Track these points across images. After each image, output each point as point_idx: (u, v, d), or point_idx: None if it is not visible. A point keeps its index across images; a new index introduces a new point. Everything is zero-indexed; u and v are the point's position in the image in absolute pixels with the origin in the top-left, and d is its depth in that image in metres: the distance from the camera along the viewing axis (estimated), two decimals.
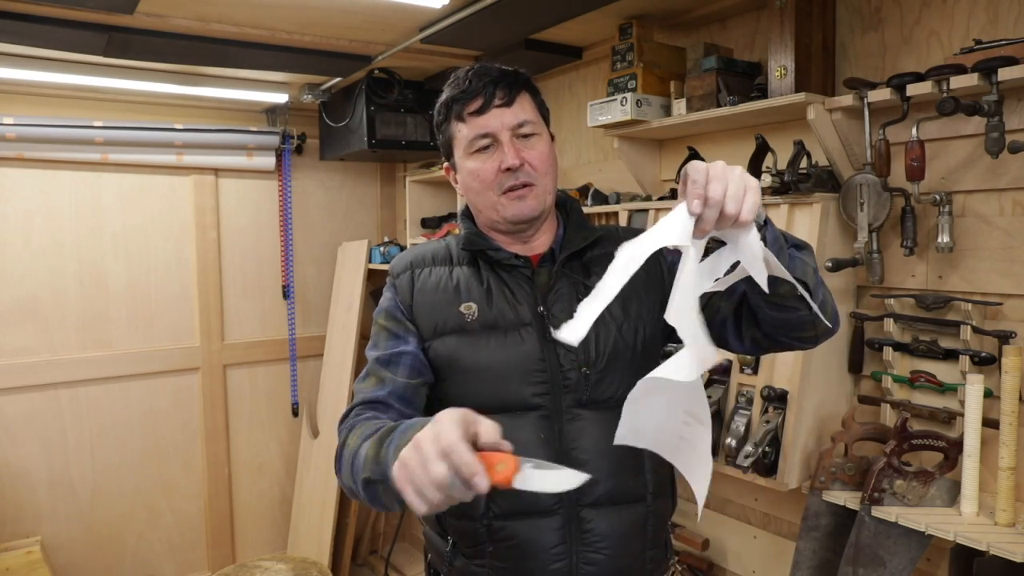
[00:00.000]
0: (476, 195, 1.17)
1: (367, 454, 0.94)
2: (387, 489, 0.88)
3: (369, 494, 0.95)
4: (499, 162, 1.12)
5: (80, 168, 2.91)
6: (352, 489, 1.00)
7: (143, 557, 3.12)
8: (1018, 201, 1.45)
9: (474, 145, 1.13)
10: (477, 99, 1.12)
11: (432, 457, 0.76)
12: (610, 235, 1.25)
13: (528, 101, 1.16)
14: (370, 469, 0.92)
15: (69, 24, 1.97)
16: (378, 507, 0.98)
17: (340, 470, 1.03)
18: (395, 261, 1.25)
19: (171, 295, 3.13)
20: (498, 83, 1.12)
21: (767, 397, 1.65)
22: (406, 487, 0.79)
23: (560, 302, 1.14)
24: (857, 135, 1.59)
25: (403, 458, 0.80)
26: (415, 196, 3.05)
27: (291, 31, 2.20)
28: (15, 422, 2.82)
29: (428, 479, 0.76)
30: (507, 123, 1.12)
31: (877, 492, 1.49)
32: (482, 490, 0.76)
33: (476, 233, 1.20)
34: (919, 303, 1.57)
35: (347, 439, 1.03)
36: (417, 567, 3.34)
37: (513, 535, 1.10)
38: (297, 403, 3.48)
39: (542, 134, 1.17)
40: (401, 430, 0.90)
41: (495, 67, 1.15)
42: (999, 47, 1.38)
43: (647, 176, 2.19)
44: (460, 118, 1.14)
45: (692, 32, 2.11)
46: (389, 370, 1.13)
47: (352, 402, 1.13)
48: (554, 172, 1.18)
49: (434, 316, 1.15)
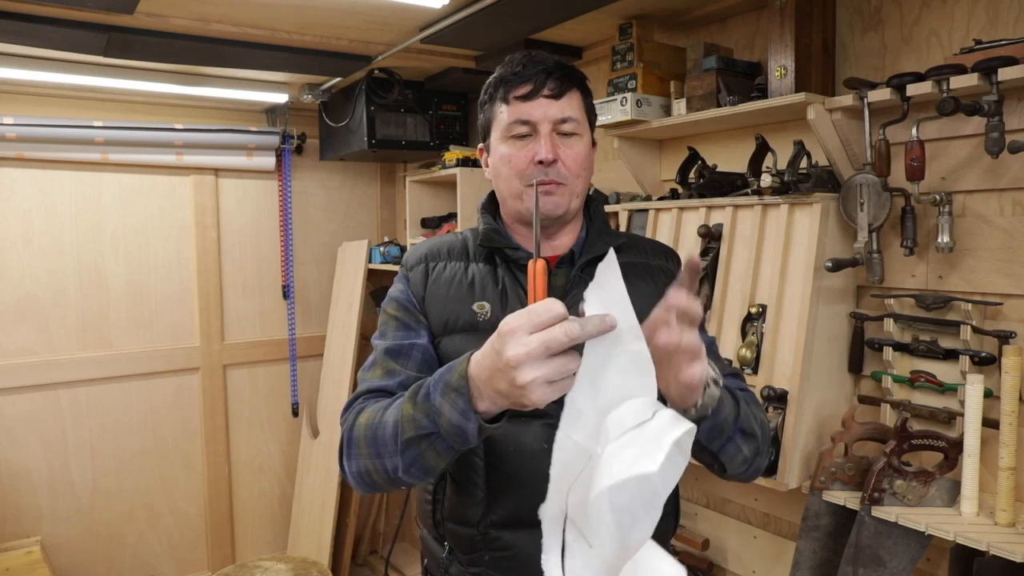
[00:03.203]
0: (503, 181, 1.12)
1: (400, 415, 0.89)
2: (434, 442, 0.85)
3: (408, 458, 0.89)
4: (533, 152, 1.07)
5: (80, 168, 2.91)
6: (370, 469, 0.95)
7: (143, 557, 3.12)
8: (1018, 201, 1.45)
9: (512, 130, 1.09)
10: (526, 84, 1.08)
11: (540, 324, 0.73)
12: (633, 244, 1.21)
13: (577, 100, 1.11)
14: (412, 427, 0.87)
15: (69, 24, 1.97)
16: (415, 475, 0.92)
17: (350, 454, 0.98)
18: (409, 253, 1.21)
19: (171, 295, 3.14)
20: (551, 73, 1.08)
21: (767, 397, 1.65)
22: (537, 370, 0.73)
23: (575, 307, 1.11)
24: (857, 135, 1.59)
25: (514, 355, 0.73)
26: (415, 196, 3.05)
27: (291, 31, 2.20)
28: (15, 422, 2.83)
29: (545, 345, 0.72)
30: (551, 115, 1.07)
31: (877, 492, 1.49)
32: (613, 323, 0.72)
33: (495, 229, 1.15)
34: (919, 303, 1.57)
35: (356, 420, 0.99)
36: (417, 567, 3.34)
37: (510, 545, 1.07)
38: (297, 403, 3.48)
39: (583, 135, 1.12)
40: (435, 379, 0.86)
41: (552, 57, 1.11)
42: (999, 47, 1.38)
43: (647, 176, 2.19)
44: (505, 100, 1.10)
45: (692, 32, 2.11)
46: (399, 361, 1.09)
47: (357, 390, 1.09)
48: (587, 176, 1.14)
49: (446, 311, 1.12)
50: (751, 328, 1.72)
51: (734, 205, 1.80)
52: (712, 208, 1.85)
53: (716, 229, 1.83)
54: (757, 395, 1.67)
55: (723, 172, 1.90)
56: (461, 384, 0.81)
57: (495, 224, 1.17)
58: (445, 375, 0.85)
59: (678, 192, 1.99)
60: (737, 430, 0.98)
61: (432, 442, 0.86)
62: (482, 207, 1.20)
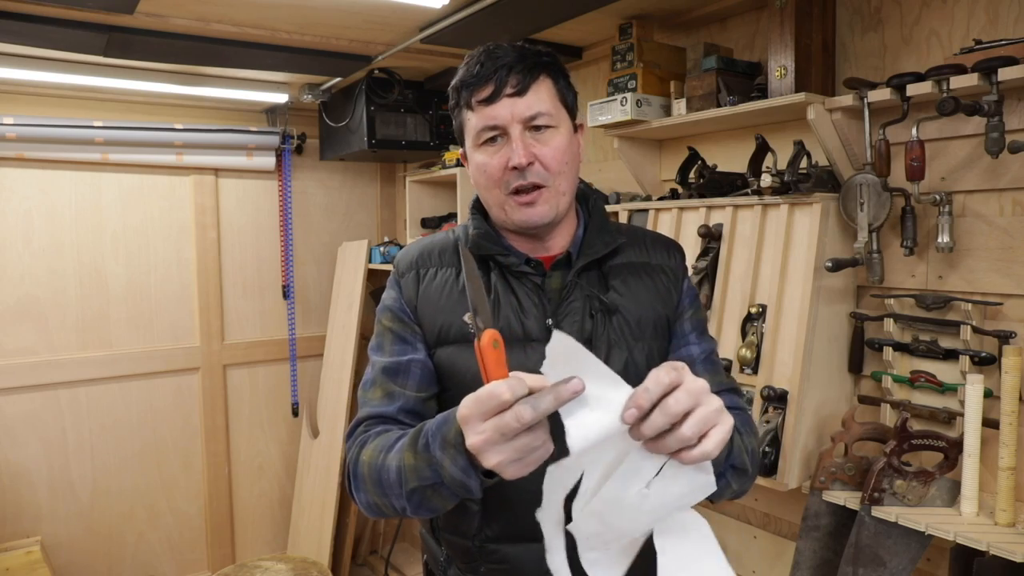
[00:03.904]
0: (484, 191, 1.06)
1: (402, 463, 0.88)
2: (438, 490, 0.84)
3: (415, 503, 0.88)
4: (507, 158, 1.00)
5: (80, 168, 2.91)
6: (379, 504, 0.94)
7: (143, 557, 3.12)
8: (1018, 201, 1.45)
9: (482, 136, 1.02)
10: (487, 86, 1.00)
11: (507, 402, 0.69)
12: (634, 241, 1.15)
13: (547, 88, 1.03)
14: (415, 477, 0.86)
15: (69, 24, 1.97)
16: (424, 514, 0.91)
17: (358, 487, 0.97)
18: (400, 256, 1.15)
19: (171, 295, 3.14)
20: (512, 68, 1.00)
21: (767, 397, 1.65)
22: (500, 455, 0.71)
23: (571, 316, 1.05)
24: (857, 135, 1.59)
25: (474, 445, 0.73)
26: (415, 196, 3.05)
27: (291, 31, 2.20)
28: (15, 422, 2.83)
29: (519, 423, 0.68)
30: (518, 114, 1.00)
31: (877, 492, 1.49)
32: (580, 388, 0.68)
33: (485, 234, 1.09)
34: (919, 303, 1.57)
35: (360, 456, 0.97)
36: (417, 567, 3.34)
37: (506, 559, 1.05)
38: (297, 403, 3.48)
39: (559, 126, 1.03)
40: (433, 430, 0.85)
41: (511, 48, 1.02)
42: (999, 47, 1.38)
43: (647, 176, 2.19)
44: (469, 105, 1.03)
45: (692, 32, 2.11)
46: (397, 382, 1.05)
47: (358, 415, 1.06)
48: (572, 169, 1.06)
49: (438, 321, 1.07)
50: (751, 328, 1.72)
51: (734, 205, 1.80)
52: (712, 208, 1.85)
53: (716, 229, 1.83)
54: (757, 395, 1.67)
55: (723, 172, 1.90)
56: (458, 440, 0.79)
57: (485, 227, 1.10)
58: (443, 428, 0.83)
59: (678, 192, 1.99)
60: (728, 467, 0.96)
61: (437, 490, 0.85)
62: (472, 207, 1.14)
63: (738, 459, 0.97)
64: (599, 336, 1.05)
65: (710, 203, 1.85)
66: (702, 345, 1.13)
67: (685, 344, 1.12)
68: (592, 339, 1.05)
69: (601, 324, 1.05)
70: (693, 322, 1.14)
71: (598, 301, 1.06)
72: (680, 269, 1.17)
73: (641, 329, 1.07)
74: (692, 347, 1.11)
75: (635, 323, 1.07)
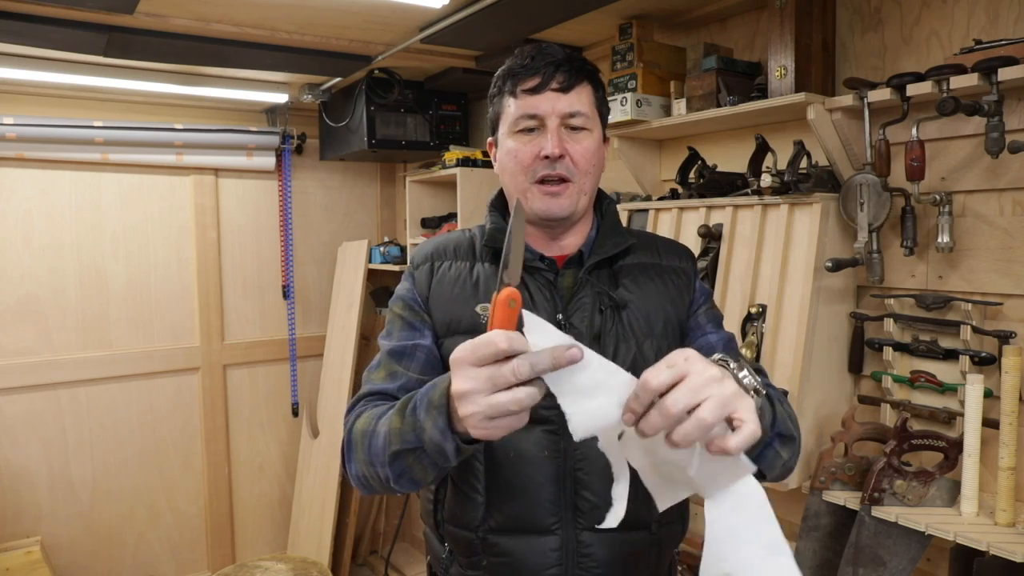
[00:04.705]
0: (510, 176, 1.10)
1: (390, 427, 0.89)
2: (419, 457, 0.85)
3: (396, 470, 0.89)
4: (540, 147, 1.05)
5: (80, 168, 2.91)
6: (367, 475, 0.95)
7: (143, 557, 3.12)
8: (1018, 201, 1.45)
9: (519, 124, 1.07)
10: (534, 77, 1.05)
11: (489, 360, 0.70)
12: (645, 244, 1.18)
13: (588, 93, 1.09)
14: (398, 440, 0.87)
15: (69, 24, 1.97)
16: (405, 485, 0.91)
17: (351, 458, 0.98)
18: (416, 250, 1.19)
19: (171, 295, 3.14)
20: (560, 66, 1.05)
21: None
22: (477, 406, 0.71)
23: (581, 311, 1.08)
24: (857, 135, 1.59)
25: (459, 389, 0.73)
26: (415, 196, 3.05)
27: (291, 31, 2.20)
28: (15, 422, 2.83)
29: (502, 378, 0.69)
30: (558, 109, 1.05)
31: (877, 492, 1.49)
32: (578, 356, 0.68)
33: (501, 229, 1.12)
34: (919, 303, 1.57)
35: (355, 425, 0.99)
36: (417, 567, 3.34)
37: (508, 551, 1.06)
38: (297, 403, 3.48)
39: (593, 131, 1.10)
40: (422, 393, 0.85)
41: (563, 50, 1.09)
42: (999, 47, 1.38)
43: (647, 176, 2.19)
44: (512, 93, 1.08)
45: (692, 32, 2.11)
46: (402, 364, 1.08)
47: (360, 391, 1.08)
48: (596, 173, 1.11)
49: (449, 312, 1.09)
50: (751, 328, 1.72)
51: (734, 205, 1.80)
52: (712, 208, 1.85)
53: (716, 229, 1.83)
54: None
55: (723, 172, 1.90)
56: (442, 402, 0.80)
57: (502, 223, 1.13)
58: (430, 391, 0.84)
59: (678, 192, 1.99)
60: (775, 435, 0.96)
61: (418, 457, 0.85)
62: (491, 204, 1.18)
63: (783, 427, 0.98)
64: (608, 331, 1.07)
65: (710, 203, 1.85)
66: (720, 333, 1.14)
67: (703, 334, 1.14)
68: (601, 334, 1.07)
69: (610, 320, 1.08)
70: (709, 315, 1.16)
71: (607, 297, 1.09)
72: (691, 271, 1.19)
73: (650, 326, 1.10)
74: (710, 335, 1.13)
75: (644, 320, 1.09)
